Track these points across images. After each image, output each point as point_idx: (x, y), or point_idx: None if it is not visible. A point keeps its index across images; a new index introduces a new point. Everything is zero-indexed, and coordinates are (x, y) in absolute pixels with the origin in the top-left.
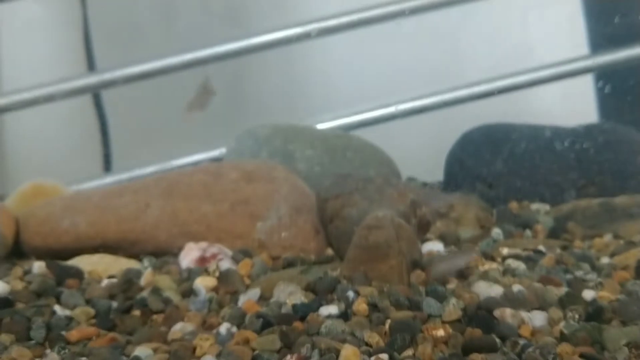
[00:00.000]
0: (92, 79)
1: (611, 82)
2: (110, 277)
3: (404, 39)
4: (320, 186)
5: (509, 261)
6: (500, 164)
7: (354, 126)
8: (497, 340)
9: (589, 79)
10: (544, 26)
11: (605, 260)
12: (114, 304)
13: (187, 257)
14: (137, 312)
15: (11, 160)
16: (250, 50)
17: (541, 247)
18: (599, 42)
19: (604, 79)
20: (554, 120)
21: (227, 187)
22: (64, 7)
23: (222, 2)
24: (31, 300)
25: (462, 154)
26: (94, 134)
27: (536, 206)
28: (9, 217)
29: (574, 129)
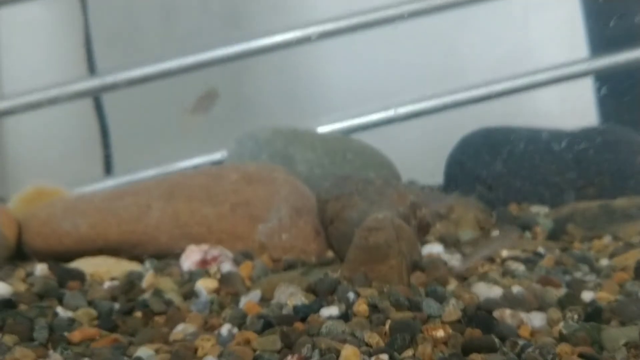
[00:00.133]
0: (94, 82)
1: (611, 84)
2: (112, 279)
3: (405, 42)
4: (320, 188)
5: (509, 263)
6: (499, 166)
7: (354, 129)
8: (497, 340)
9: (589, 81)
10: (544, 28)
11: (604, 261)
12: (116, 305)
13: (189, 259)
14: (139, 314)
15: (12, 162)
16: (252, 53)
17: (540, 249)
18: (598, 44)
19: (604, 80)
20: (553, 122)
21: (227, 189)
22: (65, 9)
23: (223, 4)
24: (34, 301)
25: (462, 157)
26: (94, 136)
27: (536, 208)
28: (11, 219)
29: (573, 131)
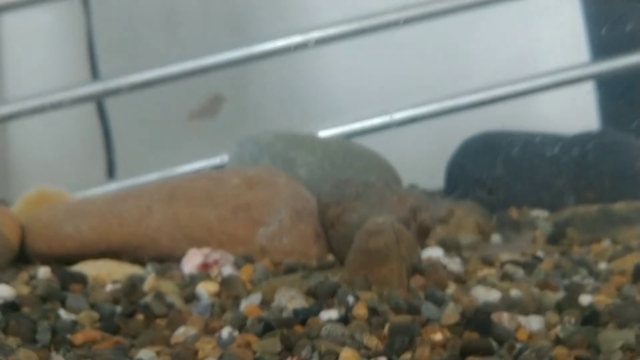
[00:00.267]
0: (97, 87)
1: (611, 88)
2: (114, 282)
3: (406, 47)
4: (321, 192)
5: (508, 266)
6: (500, 170)
7: (355, 133)
8: (495, 343)
9: (590, 85)
10: (544, 33)
11: (603, 265)
12: (118, 308)
13: (190, 262)
14: (140, 316)
15: (15, 166)
16: (254, 58)
17: (540, 253)
18: (599, 48)
19: (605, 85)
20: (554, 126)
21: (229, 193)
22: (68, 14)
23: (226, 9)
24: (37, 304)
25: (463, 161)
26: (97, 140)
27: (535, 212)
28: (15, 222)
29: (573, 136)
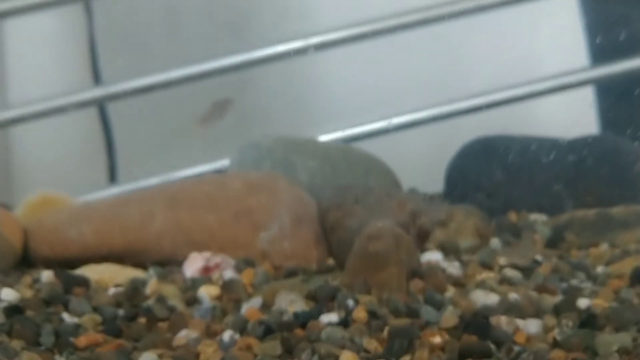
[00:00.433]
0: (99, 92)
1: (611, 93)
2: (116, 285)
3: (407, 52)
4: (321, 197)
5: (506, 270)
6: (499, 175)
7: (355, 138)
8: (493, 346)
9: (589, 90)
10: (543, 38)
11: (601, 268)
12: (121, 311)
13: (191, 266)
14: (143, 320)
15: (17, 170)
16: (255, 63)
17: (538, 256)
18: (599, 53)
19: (604, 90)
20: (553, 131)
21: (230, 197)
22: (71, 18)
23: (229, 13)
24: (40, 307)
25: (462, 165)
26: (99, 144)
27: (534, 216)
28: (18, 226)
29: (572, 141)
